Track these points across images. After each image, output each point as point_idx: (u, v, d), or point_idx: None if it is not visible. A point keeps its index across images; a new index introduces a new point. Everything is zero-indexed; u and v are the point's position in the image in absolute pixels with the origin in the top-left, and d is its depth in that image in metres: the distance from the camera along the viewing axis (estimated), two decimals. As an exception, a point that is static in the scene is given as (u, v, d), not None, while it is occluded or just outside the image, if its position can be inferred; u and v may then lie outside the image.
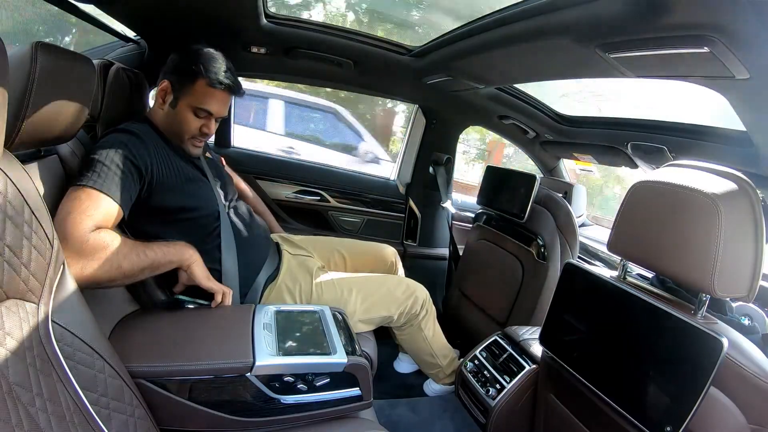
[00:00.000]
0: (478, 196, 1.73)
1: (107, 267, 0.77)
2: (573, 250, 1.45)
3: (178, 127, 1.01)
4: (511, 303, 1.50)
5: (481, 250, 1.72)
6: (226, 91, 1.01)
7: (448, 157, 2.02)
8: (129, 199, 0.87)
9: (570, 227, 1.43)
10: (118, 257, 0.78)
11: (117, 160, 0.85)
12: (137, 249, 0.82)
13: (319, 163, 2.05)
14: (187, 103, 0.99)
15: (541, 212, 1.46)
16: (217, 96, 1.00)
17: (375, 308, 1.22)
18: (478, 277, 1.72)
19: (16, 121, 0.63)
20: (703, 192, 0.66)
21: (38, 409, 0.48)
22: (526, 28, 0.96)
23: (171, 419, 0.74)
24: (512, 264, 1.53)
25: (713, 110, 1.14)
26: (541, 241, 1.43)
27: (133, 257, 0.81)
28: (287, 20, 1.37)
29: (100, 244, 0.77)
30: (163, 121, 1.02)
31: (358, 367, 0.83)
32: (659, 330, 0.72)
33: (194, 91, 0.98)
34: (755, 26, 0.60)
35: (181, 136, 1.02)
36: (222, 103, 1.02)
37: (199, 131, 1.02)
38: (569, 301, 0.93)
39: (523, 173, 1.55)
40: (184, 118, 1.00)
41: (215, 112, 1.01)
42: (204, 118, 1.01)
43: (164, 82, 1.00)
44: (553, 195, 1.51)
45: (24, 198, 0.55)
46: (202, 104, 0.99)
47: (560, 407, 0.97)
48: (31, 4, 1.14)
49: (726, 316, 0.91)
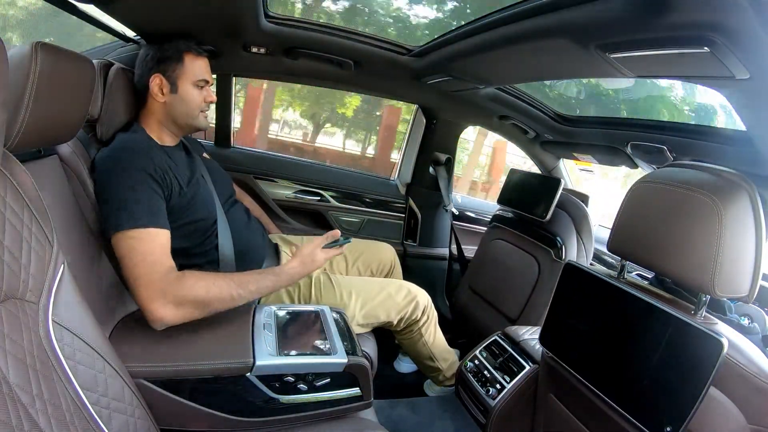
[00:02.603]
0: (500, 197, 1.81)
1: (197, 311, 0.81)
2: (588, 252, 1.54)
3: (186, 107, 1.05)
4: (525, 300, 1.54)
5: (497, 249, 1.76)
6: (205, 56, 1.09)
7: (448, 157, 2.02)
8: (166, 217, 0.89)
9: (587, 231, 1.52)
10: (208, 297, 0.81)
11: (139, 186, 0.86)
12: (231, 290, 0.84)
13: (319, 163, 2.05)
14: (186, 80, 1.04)
15: (562, 215, 1.54)
16: (203, 63, 1.08)
17: (374, 313, 1.22)
18: (491, 274, 1.75)
19: (16, 121, 0.63)
20: (703, 192, 0.66)
21: (38, 410, 0.48)
22: (526, 28, 0.96)
23: (171, 419, 0.74)
24: (529, 262, 1.58)
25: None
26: (560, 242, 1.50)
27: (225, 297, 0.84)
28: (287, 20, 1.37)
29: (185, 293, 0.79)
30: (167, 113, 1.04)
31: (358, 367, 0.83)
32: (659, 330, 0.72)
33: (186, 67, 1.04)
34: (755, 26, 0.60)
35: (192, 113, 1.06)
36: (209, 69, 1.10)
37: (204, 101, 1.07)
38: (569, 301, 0.93)
39: (547, 177, 1.67)
40: (189, 96, 1.04)
41: (209, 79, 1.08)
42: (203, 89, 1.07)
43: (155, 77, 1.02)
44: (574, 199, 1.58)
45: (24, 198, 0.55)
46: (200, 75, 1.05)
47: (560, 407, 0.97)
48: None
49: (725, 317, 0.91)
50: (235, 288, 0.85)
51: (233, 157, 1.80)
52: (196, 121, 1.07)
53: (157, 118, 1.04)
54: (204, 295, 0.80)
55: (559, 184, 1.53)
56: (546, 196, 1.55)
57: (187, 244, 0.98)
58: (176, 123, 1.06)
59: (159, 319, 0.77)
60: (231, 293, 0.84)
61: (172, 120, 1.05)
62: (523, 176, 1.76)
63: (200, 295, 0.80)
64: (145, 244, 0.81)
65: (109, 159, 0.89)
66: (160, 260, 0.81)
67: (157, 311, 0.76)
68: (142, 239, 0.81)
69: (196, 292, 0.79)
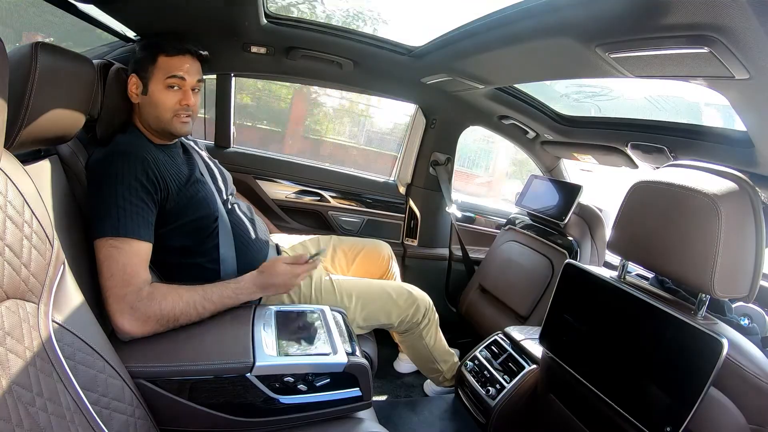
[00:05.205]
0: (518, 200, 1.89)
1: (163, 325, 0.81)
2: (601, 257, 1.60)
3: (156, 109, 0.99)
4: (537, 298, 1.57)
5: (511, 250, 1.80)
6: (187, 55, 1.00)
7: (448, 157, 2.01)
8: (152, 229, 0.88)
9: (602, 238, 1.59)
10: (175, 314, 0.82)
11: (128, 194, 0.84)
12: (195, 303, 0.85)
13: (319, 163, 2.05)
14: (157, 81, 0.98)
15: (579, 221, 1.62)
16: (180, 61, 0.99)
17: (375, 315, 1.21)
18: (504, 273, 1.77)
19: (16, 121, 0.63)
20: (703, 192, 0.66)
21: (39, 409, 0.48)
22: (526, 28, 0.96)
23: (171, 419, 0.74)
24: (543, 263, 1.61)
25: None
26: (575, 245, 1.57)
27: (191, 313, 0.84)
28: (287, 20, 1.37)
29: (154, 310, 0.79)
30: (145, 114, 1.01)
31: (358, 367, 0.83)
32: (659, 330, 0.72)
33: (158, 67, 0.98)
34: (755, 26, 0.60)
35: (164, 116, 0.99)
36: (188, 66, 1.00)
37: (178, 104, 0.99)
38: (569, 301, 0.93)
39: (567, 183, 1.75)
40: (158, 97, 0.98)
41: (184, 74, 0.99)
42: (178, 91, 0.99)
43: (132, 77, 0.99)
44: (592, 208, 1.64)
45: (24, 198, 0.55)
46: (170, 71, 0.97)
47: (560, 407, 0.97)
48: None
49: (725, 317, 0.91)
50: (200, 301, 0.85)
51: (233, 157, 1.80)
52: (169, 126, 1.00)
53: (142, 116, 1.02)
54: (170, 312, 0.81)
55: (579, 190, 1.60)
56: (565, 201, 1.64)
57: (188, 243, 0.98)
58: (151, 126, 1.01)
59: (125, 333, 0.77)
60: (197, 307, 0.84)
61: (147, 123, 1.01)
62: (543, 181, 1.83)
63: (166, 312, 0.80)
64: (123, 255, 0.80)
65: (101, 163, 0.88)
66: (136, 273, 0.81)
67: (123, 326, 0.77)
68: (122, 249, 0.81)
69: (162, 308, 0.80)
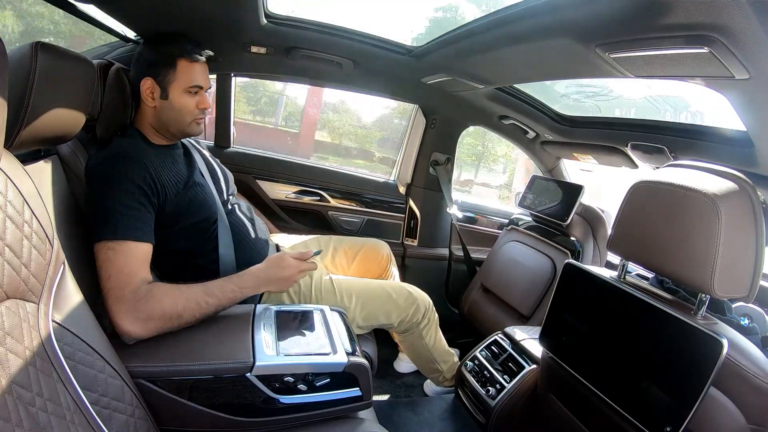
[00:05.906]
0: (521, 201, 1.89)
1: (166, 324, 0.80)
2: (603, 259, 1.60)
3: (177, 114, 1.01)
4: (539, 298, 1.57)
5: (514, 250, 1.80)
6: (204, 60, 1.04)
7: (448, 157, 2.02)
8: (151, 230, 0.88)
9: (604, 239, 1.58)
10: (177, 310, 0.81)
11: (125, 199, 0.84)
12: (198, 299, 0.84)
13: (319, 163, 2.05)
14: (178, 87, 1.00)
15: (581, 221, 1.63)
16: (199, 69, 1.02)
17: (374, 315, 1.21)
18: (506, 273, 1.77)
19: (16, 121, 0.63)
20: (703, 192, 0.66)
21: (39, 409, 0.48)
22: (526, 28, 0.96)
23: (171, 419, 0.74)
24: (545, 263, 1.62)
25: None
26: (578, 246, 1.57)
27: (194, 309, 0.83)
28: (287, 20, 1.37)
29: (155, 308, 0.79)
30: (158, 118, 1.01)
31: (358, 367, 0.83)
32: (659, 330, 0.72)
33: (179, 73, 0.99)
34: (755, 26, 0.60)
35: (184, 120, 1.02)
36: (205, 74, 1.04)
37: (198, 109, 1.03)
38: (569, 301, 0.93)
39: (569, 183, 1.74)
40: (180, 103, 1.00)
41: (204, 84, 1.03)
42: (197, 95, 1.03)
43: (146, 81, 0.99)
44: (594, 209, 1.65)
45: (24, 198, 0.55)
46: (192, 81, 1.00)
47: (560, 407, 0.97)
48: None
49: (725, 317, 0.91)
50: (202, 296, 0.84)
51: (233, 157, 1.80)
52: (188, 129, 1.04)
53: (149, 122, 1.02)
54: (171, 309, 0.80)
55: (580, 191, 1.61)
56: (567, 202, 1.64)
57: (189, 245, 0.98)
58: (167, 129, 1.03)
59: (127, 334, 0.77)
60: (199, 303, 0.83)
61: (163, 126, 1.02)
62: (545, 182, 1.84)
63: (168, 310, 0.79)
64: (122, 257, 0.80)
65: (100, 166, 0.88)
66: (135, 273, 0.80)
67: (126, 327, 0.76)
68: (120, 251, 0.81)
69: (164, 306, 0.79)
